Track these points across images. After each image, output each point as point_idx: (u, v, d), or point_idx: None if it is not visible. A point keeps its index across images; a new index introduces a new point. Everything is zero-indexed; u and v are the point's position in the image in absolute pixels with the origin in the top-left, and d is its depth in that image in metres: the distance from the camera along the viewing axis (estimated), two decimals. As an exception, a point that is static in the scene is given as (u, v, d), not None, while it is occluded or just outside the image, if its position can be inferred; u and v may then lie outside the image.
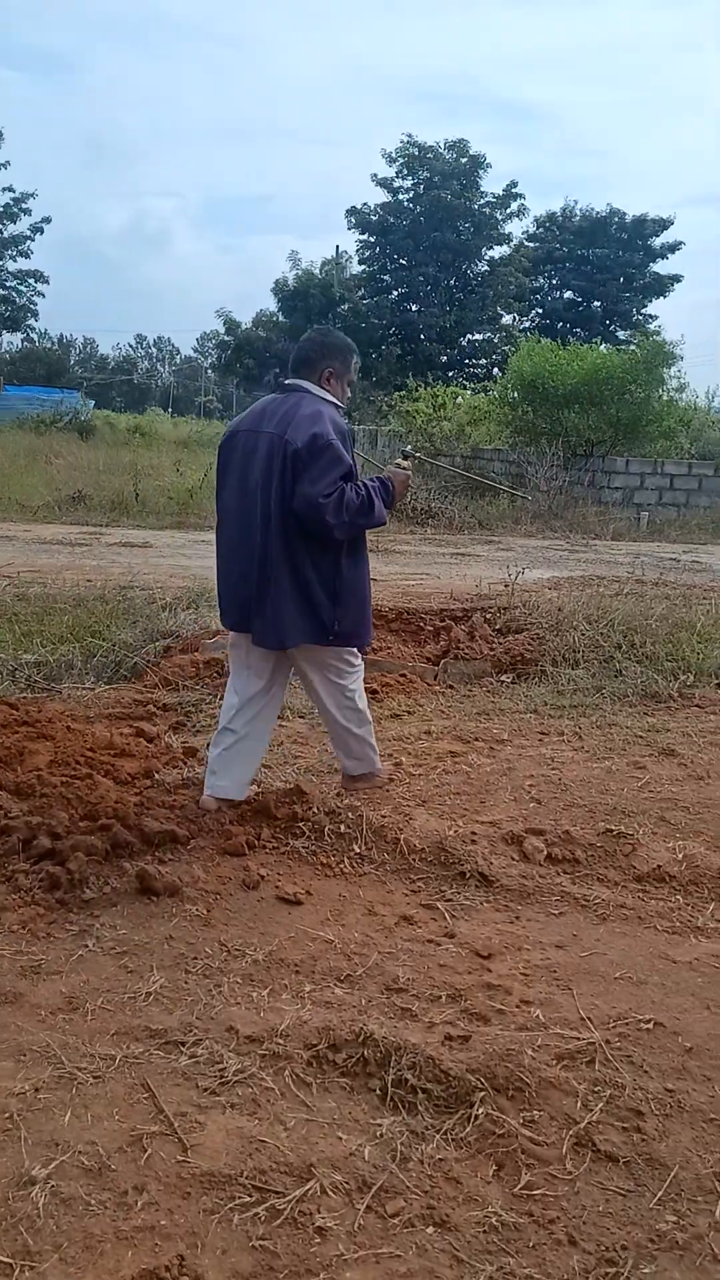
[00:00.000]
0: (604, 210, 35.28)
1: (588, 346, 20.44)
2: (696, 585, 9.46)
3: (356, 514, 3.37)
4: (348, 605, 3.51)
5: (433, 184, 31.84)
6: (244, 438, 3.52)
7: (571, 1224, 1.88)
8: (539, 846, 3.48)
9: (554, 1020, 2.51)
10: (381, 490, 3.49)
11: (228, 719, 3.64)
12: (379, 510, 3.46)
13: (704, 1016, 2.58)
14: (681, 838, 3.66)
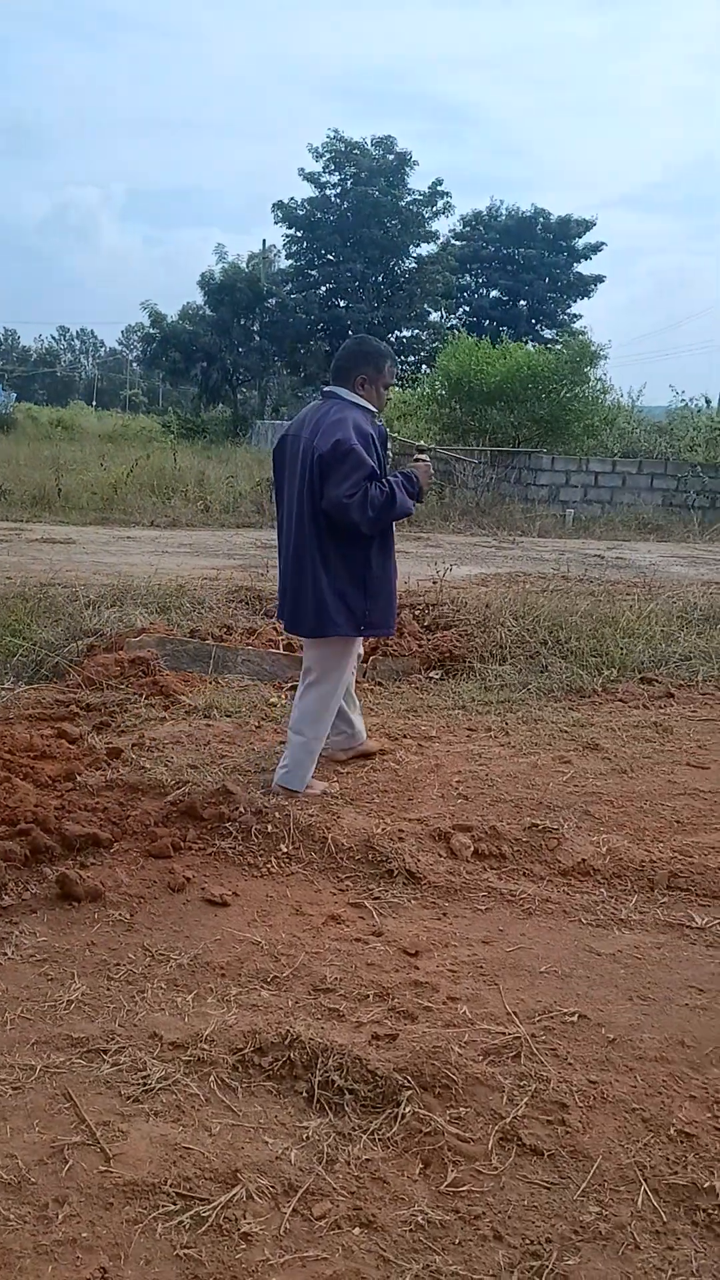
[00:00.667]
0: (529, 210, 35.72)
1: (514, 345, 20.65)
2: (620, 582, 9.64)
3: (381, 510, 3.59)
4: (378, 597, 3.77)
5: (360, 180, 31.87)
6: (289, 443, 3.84)
7: (497, 1219, 1.89)
8: (466, 843, 3.50)
9: (480, 1016, 2.52)
10: (405, 484, 3.72)
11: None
12: (401, 502, 3.65)
13: (627, 1007, 2.62)
14: (605, 831, 3.72)
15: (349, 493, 3.53)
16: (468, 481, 16.72)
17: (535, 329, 34.72)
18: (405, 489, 3.69)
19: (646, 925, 3.10)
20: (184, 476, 16.63)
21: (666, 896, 3.29)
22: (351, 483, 3.53)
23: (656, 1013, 2.60)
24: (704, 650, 6.68)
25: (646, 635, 6.89)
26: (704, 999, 2.67)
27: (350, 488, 3.53)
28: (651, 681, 6.08)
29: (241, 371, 33.87)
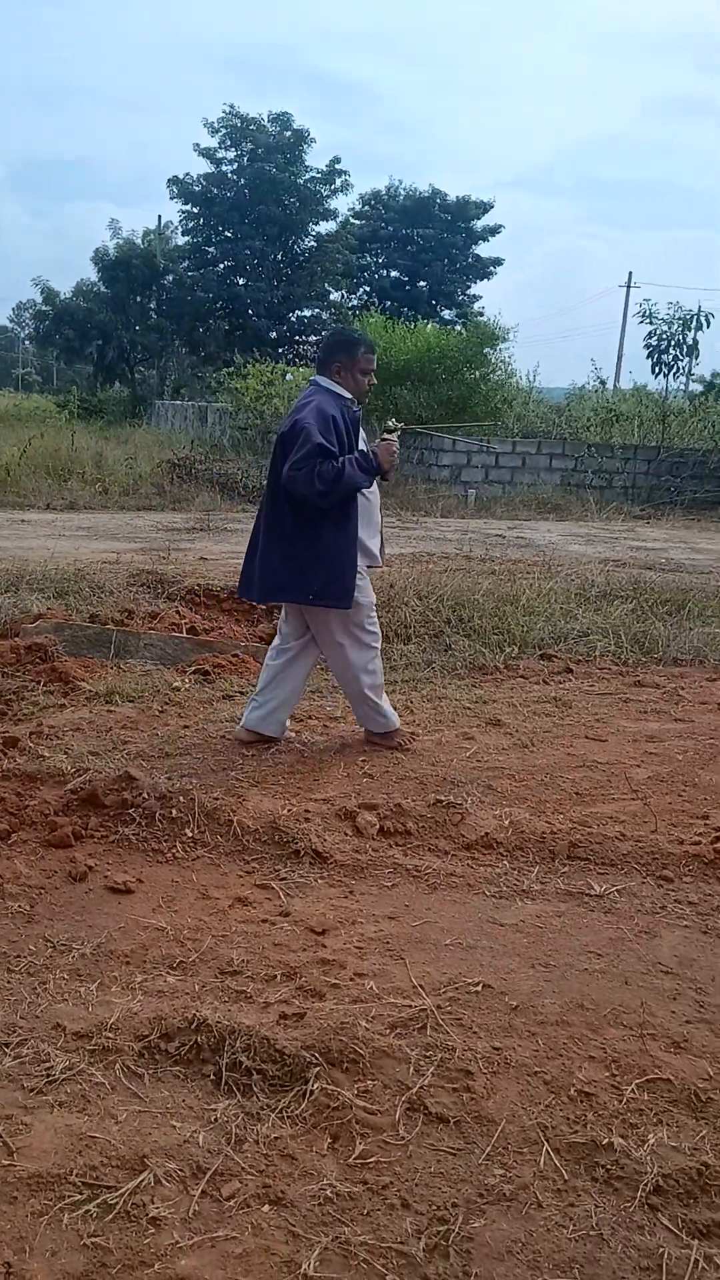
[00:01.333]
0: (427, 191, 35.77)
1: (422, 325, 20.72)
2: (521, 560, 9.81)
3: (330, 483, 3.81)
4: (328, 569, 3.96)
5: (256, 156, 31.41)
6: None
7: (404, 1187, 1.92)
8: (372, 821, 3.53)
9: (387, 990, 2.56)
10: (360, 460, 3.92)
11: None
12: (349, 477, 3.86)
13: (529, 975, 2.69)
14: (508, 805, 3.79)
15: (297, 465, 3.80)
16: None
17: (435, 310, 34.84)
18: (359, 465, 3.90)
19: (548, 895, 3.18)
20: (81, 458, 16.24)
21: (567, 866, 3.38)
22: (301, 457, 3.79)
23: (557, 979, 2.67)
24: (601, 626, 6.85)
25: (546, 613, 7.04)
26: (602, 963, 2.76)
27: (299, 462, 3.79)
28: (551, 658, 6.22)
29: (139, 350, 33.13)
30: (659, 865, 3.39)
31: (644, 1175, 1.96)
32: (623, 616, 7.11)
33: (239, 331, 31.37)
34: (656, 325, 20.19)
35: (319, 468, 3.80)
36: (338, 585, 3.97)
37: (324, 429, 3.86)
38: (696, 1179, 1.96)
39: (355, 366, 4.08)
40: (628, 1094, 2.21)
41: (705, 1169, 1.98)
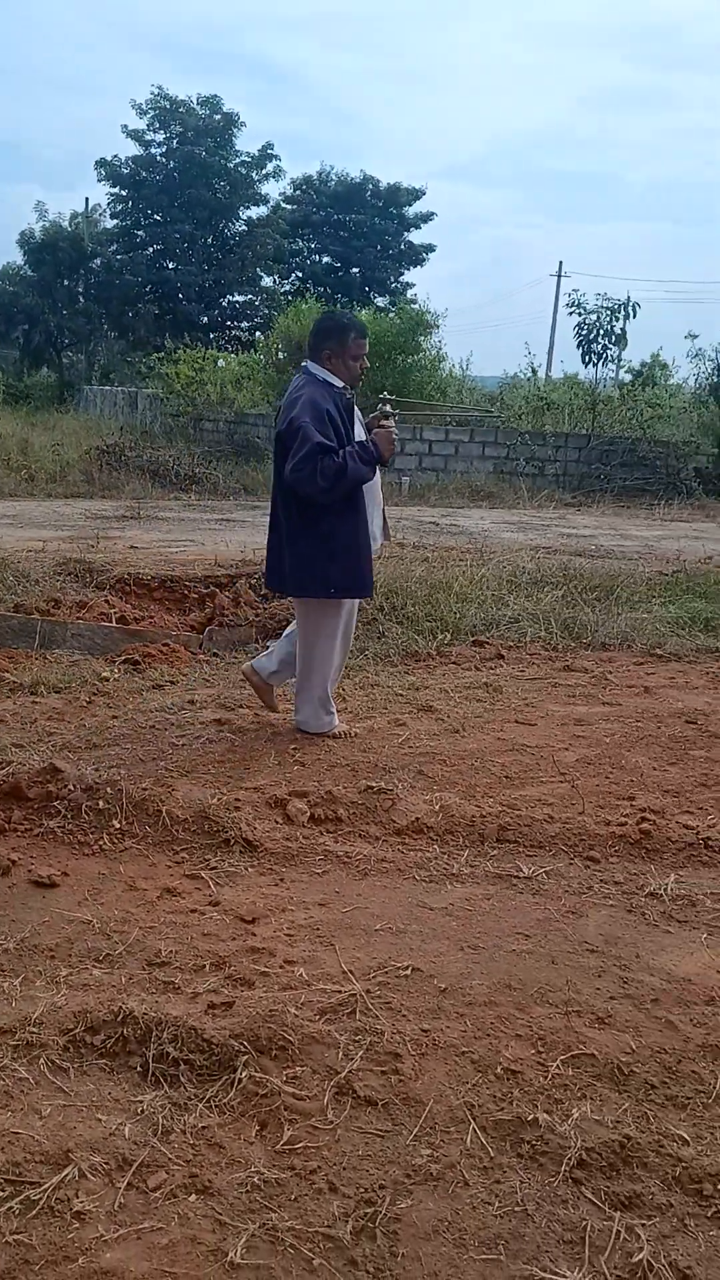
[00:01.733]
0: (359, 177, 35.63)
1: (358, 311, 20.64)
2: (454, 548, 9.85)
3: (334, 479, 3.83)
4: (343, 561, 4.02)
5: (186, 139, 30.97)
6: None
7: (332, 1171, 1.93)
8: (302, 808, 3.53)
9: (317, 977, 2.56)
10: (360, 452, 3.91)
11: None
12: (353, 470, 3.87)
13: (458, 957, 2.71)
14: (439, 790, 3.82)
15: (299, 467, 3.83)
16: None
17: (368, 296, 34.75)
18: (360, 457, 3.90)
19: (477, 878, 3.21)
20: (6, 444, 15.89)
21: (496, 849, 3.41)
22: (302, 457, 3.82)
23: (485, 960, 2.70)
24: (532, 612, 6.92)
25: (478, 599, 7.09)
26: (530, 943, 2.80)
27: (300, 462, 3.83)
28: (483, 644, 6.27)
29: (67, 334, 32.47)
30: (586, 846, 3.44)
31: (568, 1150, 1.99)
32: (553, 603, 7.20)
33: (169, 316, 30.95)
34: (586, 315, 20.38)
35: (321, 465, 3.82)
36: (355, 576, 4.08)
37: (320, 425, 3.87)
38: (619, 1151, 2.00)
39: (346, 353, 4.04)
40: (553, 1070, 2.24)
41: (627, 1141, 2.02)
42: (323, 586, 4.07)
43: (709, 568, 9.00)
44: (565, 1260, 1.76)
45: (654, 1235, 1.81)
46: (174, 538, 9.76)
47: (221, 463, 16.07)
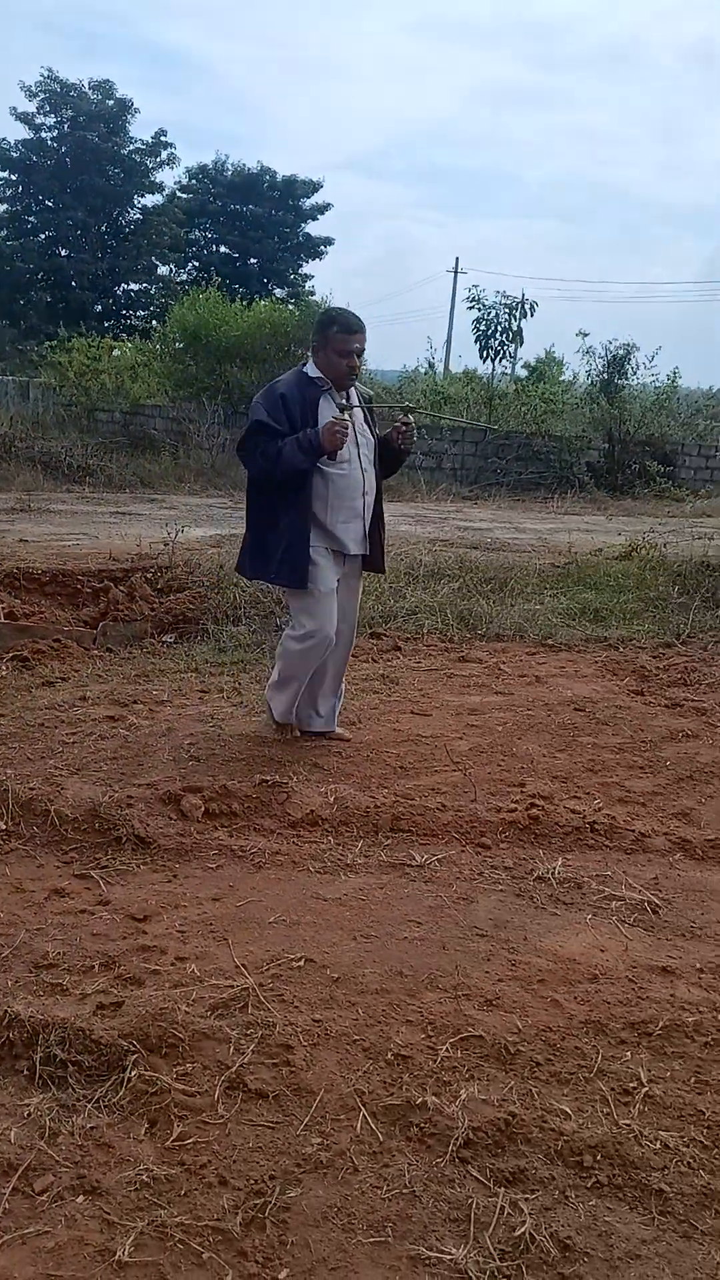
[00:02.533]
0: (255, 167, 35.36)
1: (260, 302, 20.47)
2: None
3: (273, 463, 3.81)
4: (282, 547, 3.93)
5: (78, 124, 30.24)
6: None
7: (222, 1165, 1.93)
8: (197, 803, 3.51)
9: (209, 973, 2.55)
10: (299, 439, 3.80)
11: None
12: (287, 458, 3.79)
13: (351, 947, 2.74)
14: (333, 781, 3.84)
15: (240, 445, 3.92)
16: (201, 441, 16.50)
17: (267, 287, 34.56)
18: (299, 443, 3.80)
19: (371, 868, 3.25)
20: None
21: (390, 839, 3.45)
22: (243, 436, 3.89)
23: (378, 949, 2.73)
24: (429, 605, 7.01)
25: (376, 592, 7.14)
26: (421, 930, 2.84)
27: (241, 441, 3.91)
28: (380, 636, 6.32)
29: (-45, 322, 31.46)
30: (477, 833, 3.51)
31: (455, 1130, 2.04)
32: (449, 595, 7.30)
33: (62, 304, 30.22)
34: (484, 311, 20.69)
35: (262, 447, 3.82)
36: (287, 564, 3.94)
37: (271, 408, 3.84)
38: (504, 1129, 2.06)
39: (328, 347, 3.89)
40: (442, 1053, 2.29)
41: (512, 1119, 2.08)
42: (265, 570, 4.05)
43: (599, 560, 9.24)
44: (451, 1238, 1.80)
45: (536, 1208, 1.87)
46: (66, 531, 9.55)
47: (117, 454, 15.78)
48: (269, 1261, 1.74)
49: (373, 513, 4.11)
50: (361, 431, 4.01)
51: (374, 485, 4.09)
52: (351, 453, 3.95)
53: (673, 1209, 1.89)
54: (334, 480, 3.94)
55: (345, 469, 3.95)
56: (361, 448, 4.00)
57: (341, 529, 4.00)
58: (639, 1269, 1.76)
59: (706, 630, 6.94)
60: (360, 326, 3.91)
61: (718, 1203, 1.91)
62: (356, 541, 4.07)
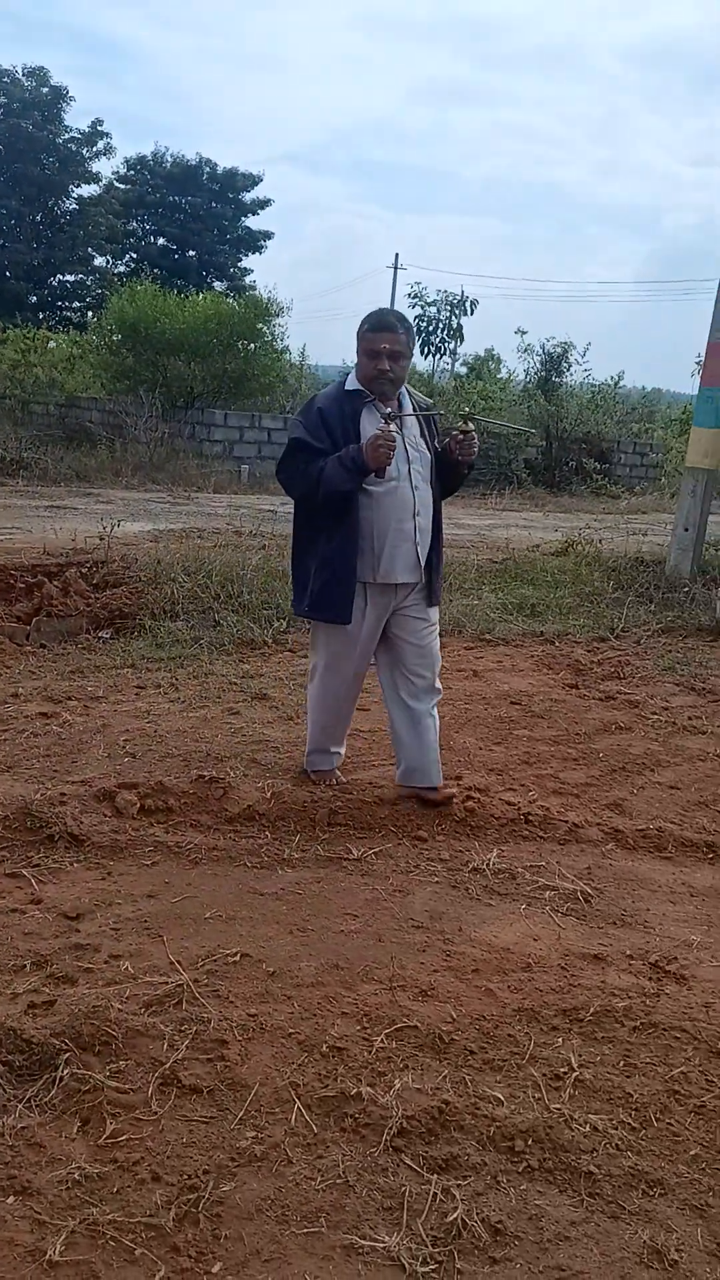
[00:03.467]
0: (194, 159, 35.05)
1: (204, 295, 20.29)
2: (290, 536, 9.87)
3: (314, 485, 3.39)
4: (322, 577, 3.49)
5: (11, 112, 29.68)
6: None
7: (155, 1161, 1.92)
8: (132, 800, 3.48)
9: (143, 970, 2.53)
10: (341, 457, 3.34)
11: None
12: (328, 478, 3.35)
13: (287, 941, 2.74)
14: (271, 777, 3.84)
15: (279, 467, 3.53)
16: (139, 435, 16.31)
17: (206, 280, 34.29)
18: (340, 461, 3.33)
19: (308, 862, 3.25)
20: None
21: (327, 833, 3.46)
22: (281, 456, 3.52)
23: (314, 942, 2.74)
24: (367, 599, 7.02)
25: (314, 587, 7.13)
26: (357, 923, 2.86)
27: (280, 462, 3.52)
28: (319, 631, 6.31)
29: None
30: (414, 826, 3.54)
31: (389, 1120, 2.05)
32: (388, 589, 7.31)
33: (-5, 295, 29.66)
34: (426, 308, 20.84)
35: (301, 468, 3.41)
36: (326, 595, 3.47)
37: (310, 424, 3.44)
38: (437, 1117, 2.08)
39: (362, 347, 3.43)
40: (377, 1045, 2.31)
41: (445, 1106, 2.10)
42: (299, 602, 3.61)
43: (536, 556, 9.35)
44: (384, 1226, 1.82)
45: (468, 1194, 1.90)
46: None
47: (52, 448, 15.53)
48: (202, 1256, 1.74)
49: (429, 536, 3.60)
50: (414, 445, 3.51)
51: (429, 505, 3.58)
52: (400, 469, 3.44)
53: (601, 1190, 1.93)
54: (380, 500, 3.45)
55: (393, 486, 3.46)
56: (414, 463, 3.49)
57: (389, 554, 3.49)
58: (568, 1250, 1.80)
59: (639, 625, 7.07)
60: (391, 324, 3.42)
61: (645, 1183, 1.96)
62: (407, 568, 3.53)
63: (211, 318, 17.97)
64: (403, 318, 3.47)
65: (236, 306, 19.18)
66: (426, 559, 3.58)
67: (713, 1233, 1.85)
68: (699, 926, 3.03)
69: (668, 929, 2.99)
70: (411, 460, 3.49)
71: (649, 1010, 2.52)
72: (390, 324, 3.42)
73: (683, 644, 6.69)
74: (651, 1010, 2.52)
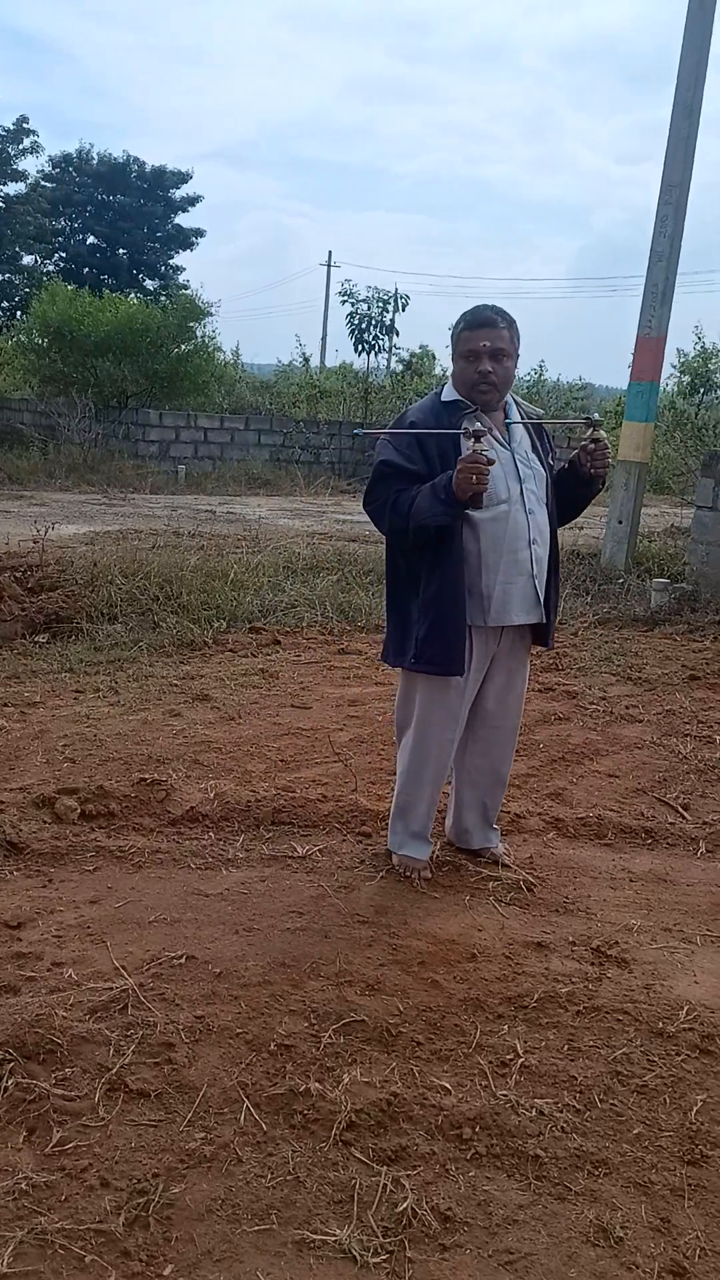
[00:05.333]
0: (122, 157, 34.61)
1: (118, 297, 20.06)
2: (230, 536, 9.83)
3: (405, 518, 2.87)
4: (423, 625, 2.96)
5: (-68, 105, 29.04)
6: None
7: (104, 1167, 1.91)
8: (72, 805, 3.44)
9: (87, 976, 2.51)
10: (432, 490, 2.83)
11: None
12: (416, 511, 2.84)
13: (233, 941, 2.74)
14: (214, 777, 3.82)
15: (367, 496, 3.01)
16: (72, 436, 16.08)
17: (137, 279, 33.91)
18: (434, 493, 2.82)
19: (252, 861, 3.24)
20: None
21: (271, 832, 3.46)
22: (369, 483, 3.01)
23: (260, 941, 2.74)
24: (308, 598, 7.03)
25: (255, 586, 7.13)
26: (303, 921, 2.86)
27: (369, 490, 3.01)
28: (260, 630, 6.31)
29: None
30: (358, 822, 3.55)
31: (338, 1114, 2.06)
32: (328, 587, 7.34)
33: None
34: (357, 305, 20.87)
35: (393, 497, 2.90)
36: (434, 644, 2.94)
37: (400, 442, 2.94)
38: (386, 1109, 2.09)
39: (457, 351, 2.96)
40: (325, 1041, 2.31)
41: (394, 1098, 2.12)
42: (402, 654, 3.05)
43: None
44: (335, 1219, 1.83)
45: (418, 1183, 1.91)
46: (-69, 531, 9.19)
47: (-17, 451, 15.26)
48: (153, 1259, 1.73)
49: (547, 569, 3.06)
50: (525, 461, 2.99)
51: (545, 531, 3.03)
52: (509, 490, 2.93)
53: (548, 1173, 1.97)
54: (486, 528, 2.93)
55: (502, 511, 2.93)
56: (526, 482, 2.96)
57: (501, 592, 2.97)
58: (516, 1233, 1.82)
59: (576, 617, 7.18)
60: (491, 319, 2.92)
61: (590, 1164, 1.99)
62: (526, 607, 3.01)
63: (135, 319, 17.81)
64: (503, 312, 2.95)
65: (161, 310, 18.97)
66: (544, 595, 3.05)
67: (656, 1208, 1.90)
68: (639, 911, 3.09)
69: (609, 914, 3.04)
70: (524, 479, 2.96)
71: (591, 995, 2.56)
72: (489, 319, 2.92)
73: (619, 635, 6.81)
74: (594, 994, 2.57)
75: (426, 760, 3.14)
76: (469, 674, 3.04)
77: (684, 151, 8.57)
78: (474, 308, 2.97)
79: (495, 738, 3.22)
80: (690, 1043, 2.39)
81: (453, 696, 3.06)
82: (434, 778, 3.16)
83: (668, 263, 8.70)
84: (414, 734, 3.15)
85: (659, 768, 4.29)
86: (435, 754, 3.13)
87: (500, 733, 3.22)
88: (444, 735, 3.11)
